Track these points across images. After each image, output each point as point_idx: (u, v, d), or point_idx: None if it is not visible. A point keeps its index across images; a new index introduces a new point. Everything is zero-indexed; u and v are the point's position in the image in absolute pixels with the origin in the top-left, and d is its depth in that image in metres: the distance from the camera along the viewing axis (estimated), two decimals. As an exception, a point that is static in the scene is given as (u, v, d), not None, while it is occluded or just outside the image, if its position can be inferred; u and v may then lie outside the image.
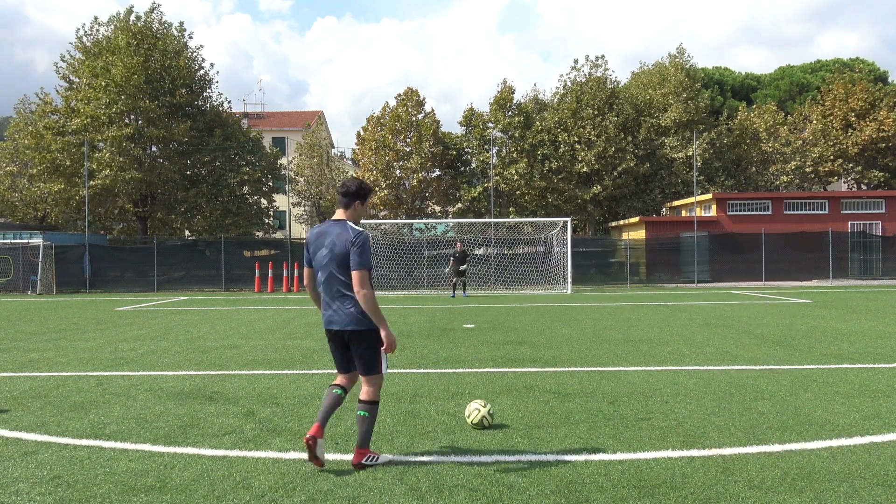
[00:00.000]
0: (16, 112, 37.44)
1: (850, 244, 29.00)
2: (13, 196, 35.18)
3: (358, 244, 4.48)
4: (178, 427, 5.73)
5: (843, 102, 38.11)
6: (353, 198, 4.70)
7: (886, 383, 7.24)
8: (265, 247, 31.17)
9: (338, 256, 4.53)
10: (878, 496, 4.04)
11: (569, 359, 9.07)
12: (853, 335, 11.20)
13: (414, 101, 36.84)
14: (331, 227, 4.65)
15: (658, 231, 30.23)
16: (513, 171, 35.25)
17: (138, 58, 30.53)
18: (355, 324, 4.54)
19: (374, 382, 4.68)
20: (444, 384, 7.42)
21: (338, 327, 4.60)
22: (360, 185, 4.73)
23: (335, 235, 4.58)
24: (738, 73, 53.50)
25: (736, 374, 7.84)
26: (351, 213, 4.70)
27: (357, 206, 4.72)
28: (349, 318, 4.54)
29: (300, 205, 41.61)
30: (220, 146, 33.12)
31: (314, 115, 53.38)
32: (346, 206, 4.71)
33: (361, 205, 4.74)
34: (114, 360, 9.41)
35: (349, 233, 4.54)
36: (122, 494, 4.19)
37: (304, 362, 9.05)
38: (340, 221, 4.66)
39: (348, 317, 4.55)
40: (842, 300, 18.88)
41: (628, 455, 4.84)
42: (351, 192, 4.70)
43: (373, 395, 4.68)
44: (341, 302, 4.56)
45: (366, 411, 4.64)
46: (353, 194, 4.70)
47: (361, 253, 4.47)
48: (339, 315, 4.58)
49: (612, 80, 37.65)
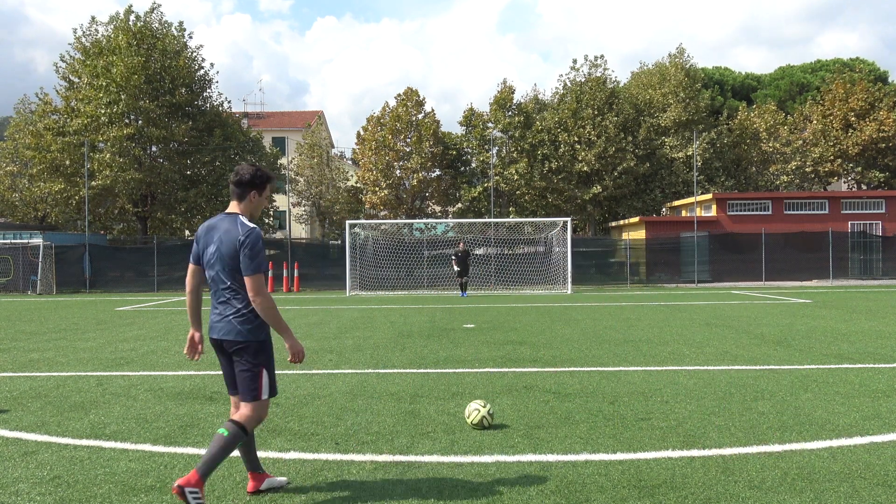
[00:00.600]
0: (16, 112, 37.46)
1: (850, 244, 28.99)
2: (13, 196, 35.19)
3: (248, 244, 3.88)
4: (178, 427, 5.73)
5: (843, 102, 38.12)
6: (248, 188, 4.07)
7: (886, 383, 7.24)
8: (265, 247, 31.14)
9: (224, 256, 3.93)
10: (878, 496, 4.04)
11: (569, 359, 9.07)
12: (853, 335, 11.20)
13: (414, 101, 36.85)
14: (220, 222, 4.05)
15: (658, 231, 30.23)
16: (513, 171, 35.25)
17: (139, 58, 30.54)
18: (234, 335, 3.96)
19: (251, 408, 4.02)
20: (444, 384, 7.42)
21: (217, 335, 4.02)
22: (257, 173, 4.09)
23: (223, 232, 3.98)
24: (738, 73, 53.50)
25: (736, 374, 7.84)
26: (246, 206, 4.08)
27: (253, 198, 4.10)
28: (228, 327, 3.97)
29: (300, 205, 41.61)
30: (220, 146, 33.13)
31: (314, 115, 53.37)
32: (240, 198, 4.08)
33: (259, 195, 4.12)
34: (114, 360, 9.41)
35: (238, 229, 3.93)
36: (122, 494, 4.19)
37: (304, 362, 9.05)
38: (232, 215, 4.04)
39: (227, 326, 3.97)
40: (842, 300, 18.88)
41: (628, 455, 4.84)
42: (245, 181, 4.06)
43: (245, 420, 3.99)
44: (223, 308, 3.99)
45: (227, 430, 3.91)
46: (247, 184, 4.06)
47: (253, 255, 3.88)
48: (221, 323, 4.00)
49: (612, 80, 37.68)
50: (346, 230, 25.77)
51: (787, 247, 28.64)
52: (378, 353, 9.70)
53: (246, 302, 3.94)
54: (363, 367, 8.63)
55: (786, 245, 28.65)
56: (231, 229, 3.95)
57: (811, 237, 28.68)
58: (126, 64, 30.17)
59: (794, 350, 9.66)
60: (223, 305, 3.99)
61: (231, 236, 3.92)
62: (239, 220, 3.98)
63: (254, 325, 3.98)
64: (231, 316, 3.96)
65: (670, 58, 39.26)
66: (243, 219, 4.00)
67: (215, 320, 4.03)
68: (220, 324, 4.00)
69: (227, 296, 3.97)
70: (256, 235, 3.92)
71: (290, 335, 4.07)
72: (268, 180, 4.12)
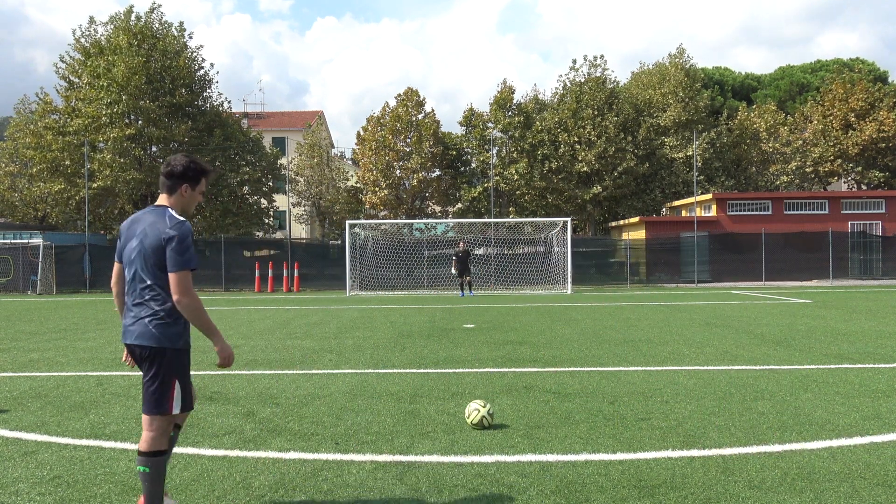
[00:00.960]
0: (16, 112, 37.46)
1: (850, 244, 29.00)
2: (13, 196, 35.19)
3: (176, 238, 3.50)
4: (178, 427, 5.72)
5: (843, 102, 38.12)
6: (179, 180, 3.69)
7: (886, 383, 7.24)
8: (265, 247, 31.19)
9: (146, 250, 3.55)
10: (878, 496, 4.04)
11: (569, 359, 9.07)
12: (853, 335, 11.20)
13: (414, 101, 36.86)
14: (146, 215, 3.68)
15: (658, 231, 30.24)
16: (513, 171, 35.26)
17: (139, 58, 30.55)
18: (146, 339, 3.56)
19: (157, 425, 3.58)
20: (444, 384, 7.42)
21: (130, 340, 3.62)
22: (190, 165, 3.70)
23: (148, 225, 3.60)
24: (738, 73, 53.53)
25: (736, 374, 7.84)
26: (176, 200, 3.70)
27: (185, 192, 3.72)
28: (142, 330, 3.57)
29: (300, 205, 41.61)
30: (220, 146, 33.14)
31: (314, 115, 53.38)
32: (171, 191, 3.70)
33: (191, 190, 3.73)
34: (114, 360, 9.41)
35: (166, 222, 3.56)
36: (122, 494, 4.19)
37: (304, 362, 9.05)
38: (160, 208, 3.67)
39: (141, 329, 3.57)
40: (842, 300, 18.88)
41: (628, 455, 4.84)
42: (176, 172, 3.68)
43: (153, 442, 3.57)
44: (139, 309, 3.59)
45: (147, 466, 3.54)
46: (178, 176, 3.68)
47: (181, 249, 3.50)
48: (135, 326, 3.61)
49: (612, 81, 37.69)
50: (346, 230, 25.77)
51: (787, 247, 28.65)
52: (378, 353, 9.71)
53: (165, 304, 3.56)
54: (363, 367, 8.63)
55: (786, 245, 28.65)
56: (157, 222, 3.58)
57: (811, 237, 28.69)
58: (127, 64, 30.18)
59: (794, 350, 9.66)
60: (139, 307, 3.60)
61: (156, 230, 3.55)
62: (168, 213, 3.61)
63: (171, 329, 3.60)
64: (147, 318, 3.57)
65: (670, 58, 39.28)
66: (173, 212, 3.63)
67: (129, 323, 3.63)
68: (133, 327, 3.60)
69: (146, 296, 3.58)
70: (187, 229, 3.57)
71: (219, 338, 3.72)
72: (203, 173, 3.74)
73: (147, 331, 3.57)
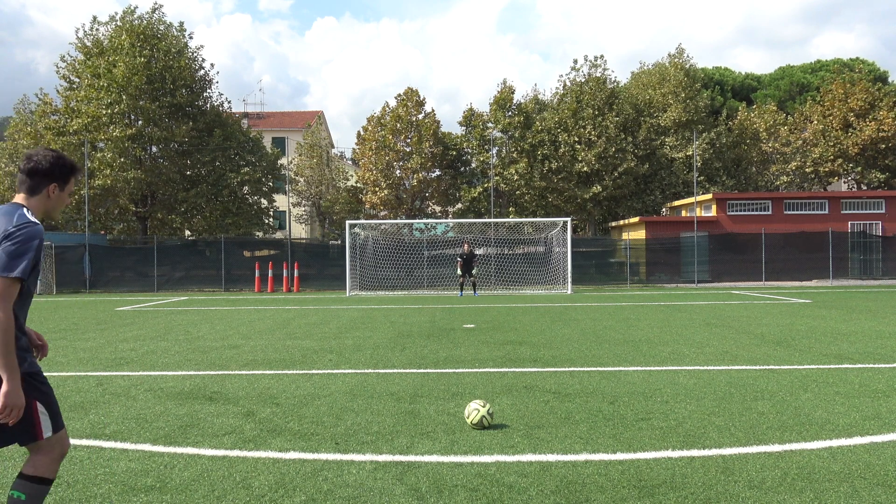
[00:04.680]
0: (15, 112, 37.44)
1: (850, 244, 28.99)
2: (13, 196, 35.14)
3: (15, 239, 2.87)
4: (178, 427, 5.73)
5: (842, 102, 38.10)
6: (46, 179, 3.09)
7: (886, 383, 7.24)
8: (265, 247, 31.18)
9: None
10: (878, 496, 4.04)
11: (569, 359, 9.07)
12: (853, 335, 11.20)
13: (414, 101, 36.85)
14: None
15: (658, 231, 30.24)
16: (513, 171, 35.26)
17: (141, 59, 30.54)
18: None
19: (43, 450, 3.05)
20: (444, 384, 7.42)
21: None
22: (59, 161, 3.10)
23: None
24: (738, 73, 53.53)
25: (736, 374, 7.84)
26: (39, 202, 3.09)
27: (52, 192, 3.12)
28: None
29: (300, 205, 41.61)
30: (221, 146, 33.15)
31: (314, 115, 53.37)
32: (33, 191, 3.08)
33: (60, 190, 3.14)
34: (114, 360, 9.41)
35: (13, 220, 2.94)
36: (122, 494, 4.19)
37: (304, 362, 9.05)
38: (14, 205, 3.05)
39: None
40: (842, 300, 18.88)
41: (628, 455, 4.84)
42: (42, 169, 3.07)
43: (41, 467, 3.04)
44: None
45: (21, 491, 2.99)
46: (44, 174, 3.07)
47: (15, 253, 2.85)
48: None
49: (612, 81, 37.69)
50: (346, 230, 25.76)
51: (787, 247, 28.64)
52: (378, 353, 9.70)
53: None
54: (363, 367, 8.63)
55: (786, 245, 28.65)
56: (5, 218, 2.97)
57: (811, 237, 28.68)
58: (127, 64, 30.18)
59: (794, 350, 9.65)
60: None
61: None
62: (20, 212, 2.99)
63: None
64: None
65: (670, 58, 39.28)
66: (27, 212, 3.01)
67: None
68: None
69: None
70: (34, 232, 2.92)
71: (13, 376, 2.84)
72: (73, 171, 3.16)
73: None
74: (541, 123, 35.76)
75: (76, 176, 3.22)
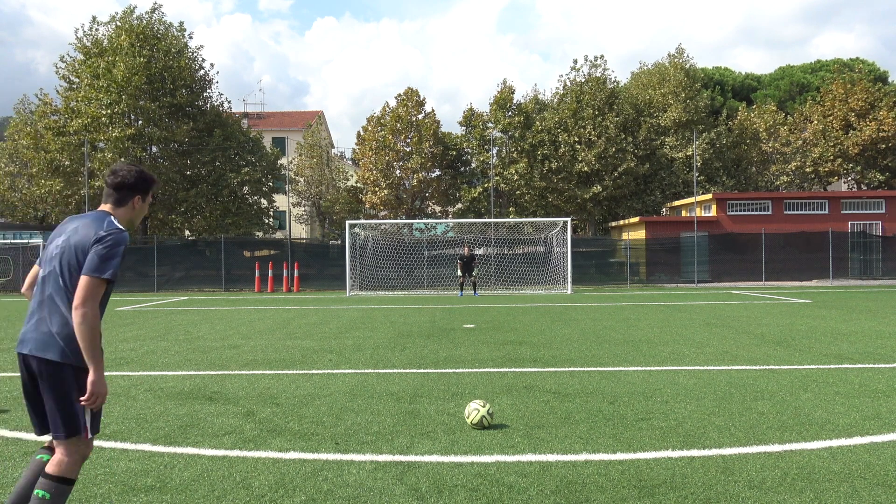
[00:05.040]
0: (15, 112, 37.44)
1: (850, 244, 29.00)
2: (13, 196, 35.18)
3: (106, 243, 3.13)
4: (178, 427, 5.73)
5: (843, 102, 38.11)
6: (131, 191, 3.42)
7: (886, 383, 7.24)
8: (265, 247, 31.18)
9: (71, 248, 3.18)
10: (878, 496, 4.04)
11: (569, 359, 9.07)
12: (853, 335, 11.20)
13: (414, 101, 36.86)
14: (84, 217, 3.35)
15: (658, 231, 30.24)
16: (513, 171, 35.26)
17: (140, 59, 30.54)
18: (53, 352, 3.09)
19: (71, 449, 3.15)
20: (444, 384, 7.42)
21: (27, 350, 3.15)
22: (142, 175, 3.44)
23: (82, 224, 3.26)
24: (738, 73, 53.54)
25: (736, 374, 7.84)
26: (126, 212, 3.41)
27: (136, 204, 3.45)
28: (47, 341, 3.11)
29: (300, 205, 41.61)
30: (221, 146, 33.15)
31: (314, 115, 53.37)
32: (120, 203, 3.40)
33: (143, 201, 3.48)
34: (114, 360, 9.41)
35: (103, 226, 3.21)
36: (122, 494, 4.19)
37: (304, 362, 9.05)
38: (102, 213, 3.35)
39: (45, 339, 3.11)
40: (842, 300, 18.88)
41: (628, 455, 4.84)
42: (129, 183, 3.39)
43: (65, 468, 3.13)
44: (48, 316, 3.15)
45: (46, 490, 3.07)
46: (130, 187, 3.40)
47: (106, 255, 3.10)
48: (37, 334, 3.15)
49: (612, 81, 37.69)
50: (346, 230, 25.77)
51: (787, 247, 28.64)
52: (378, 353, 9.71)
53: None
54: (363, 367, 8.63)
55: (786, 245, 28.65)
56: (95, 223, 3.23)
57: (811, 237, 28.69)
58: (127, 65, 30.17)
59: (794, 350, 9.65)
60: (48, 312, 3.15)
61: (89, 229, 3.20)
62: (109, 219, 3.28)
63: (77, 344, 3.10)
64: (56, 327, 3.11)
65: (670, 58, 39.28)
66: (115, 220, 3.30)
67: (29, 330, 3.18)
68: (35, 335, 3.15)
69: (57, 300, 3.15)
70: (123, 238, 3.20)
71: (99, 367, 3.10)
72: (152, 183, 3.51)
73: (54, 343, 3.10)
74: (541, 123, 35.76)
75: (153, 187, 3.53)
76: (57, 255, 3.22)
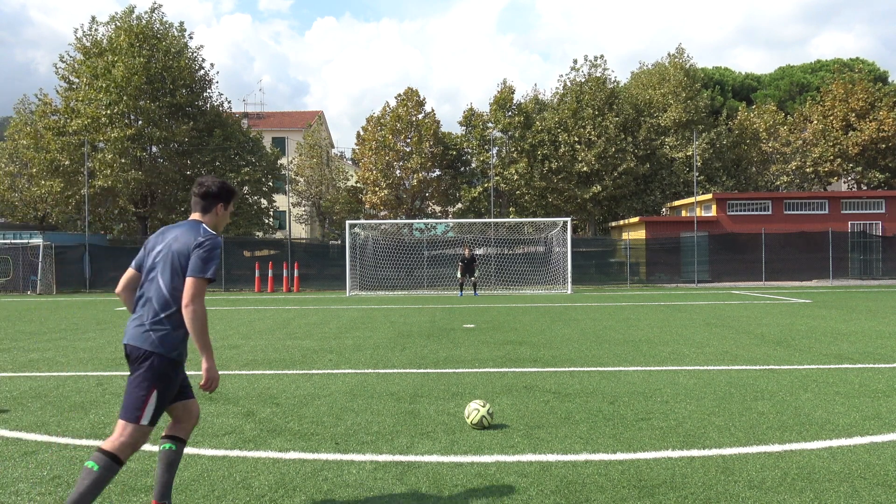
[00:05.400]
0: (15, 112, 37.43)
1: (850, 244, 29.00)
2: (13, 196, 35.18)
3: (206, 246, 3.60)
4: (178, 427, 5.72)
5: (843, 102, 38.11)
6: (215, 200, 3.86)
7: (886, 383, 7.24)
8: (265, 247, 31.17)
9: (173, 254, 3.63)
10: (878, 496, 4.04)
11: (569, 359, 9.07)
12: (853, 335, 11.20)
13: (414, 101, 36.84)
14: (180, 226, 3.80)
15: (658, 231, 30.23)
16: (513, 171, 35.25)
17: (140, 59, 30.54)
18: (141, 341, 3.52)
19: (128, 432, 3.47)
20: (444, 384, 7.42)
21: (126, 340, 3.60)
22: (224, 185, 3.89)
23: (180, 233, 3.72)
24: (738, 73, 53.53)
25: (736, 374, 7.84)
26: (211, 219, 3.85)
27: (220, 211, 3.88)
28: (139, 331, 3.55)
29: (300, 205, 41.60)
30: (221, 146, 33.14)
31: (314, 115, 53.37)
32: (206, 210, 3.85)
33: (225, 209, 3.91)
34: (114, 360, 9.41)
35: (200, 232, 3.69)
36: (123, 494, 4.19)
37: (304, 362, 9.05)
38: (195, 222, 3.81)
39: (138, 330, 3.55)
40: (842, 300, 18.88)
41: (628, 455, 4.84)
42: (213, 192, 3.83)
43: (118, 446, 3.46)
44: (144, 312, 3.60)
45: (96, 462, 3.39)
46: (214, 196, 3.84)
47: (206, 258, 3.58)
48: (133, 326, 3.61)
49: (612, 81, 37.68)
50: (346, 230, 25.77)
51: (787, 247, 28.64)
52: (378, 353, 9.71)
53: (168, 309, 3.56)
54: (363, 367, 8.63)
55: (786, 245, 28.65)
56: (190, 231, 3.70)
57: (811, 237, 28.69)
58: (127, 65, 30.16)
59: (794, 350, 9.66)
60: (144, 309, 3.60)
61: (188, 237, 3.66)
62: (202, 227, 3.75)
63: (167, 335, 3.54)
64: (148, 320, 3.56)
65: (670, 58, 39.27)
66: (207, 227, 3.77)
67: (130, 324, 3.63)
68: (131, 326, 3.61)
69: (153, 299, 3.59)
70: (218, 242, 3.66)
71: (210, 356, 3.58)
72: (234, 193, 3.94)
73: (145, 332, 3.54)
74: (541, 123, 35.75)
75: (234, 197, 3.95)
76: (159, 262, 3.66)
